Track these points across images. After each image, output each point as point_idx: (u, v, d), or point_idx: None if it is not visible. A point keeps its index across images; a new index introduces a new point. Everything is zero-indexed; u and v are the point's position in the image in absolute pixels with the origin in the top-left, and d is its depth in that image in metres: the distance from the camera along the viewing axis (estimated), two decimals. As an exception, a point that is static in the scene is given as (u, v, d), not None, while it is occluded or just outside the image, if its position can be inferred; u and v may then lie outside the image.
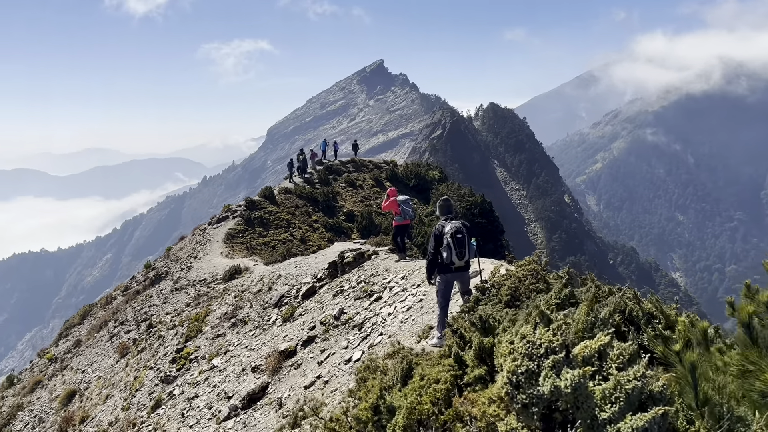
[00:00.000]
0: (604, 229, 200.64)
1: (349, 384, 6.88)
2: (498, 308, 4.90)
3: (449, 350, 3.73)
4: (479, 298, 5.55)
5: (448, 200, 6.80)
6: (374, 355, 7.00)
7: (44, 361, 22.43)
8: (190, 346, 14.50)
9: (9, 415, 18.09)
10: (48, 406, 17.55)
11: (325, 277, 12.59)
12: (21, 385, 21.17)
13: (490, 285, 5.80)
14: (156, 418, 11.11)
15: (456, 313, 5.98)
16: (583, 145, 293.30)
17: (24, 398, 19.19)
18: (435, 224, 6.62)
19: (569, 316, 2.59)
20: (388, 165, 41.31)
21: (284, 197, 32.50)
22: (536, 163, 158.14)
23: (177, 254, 28.02)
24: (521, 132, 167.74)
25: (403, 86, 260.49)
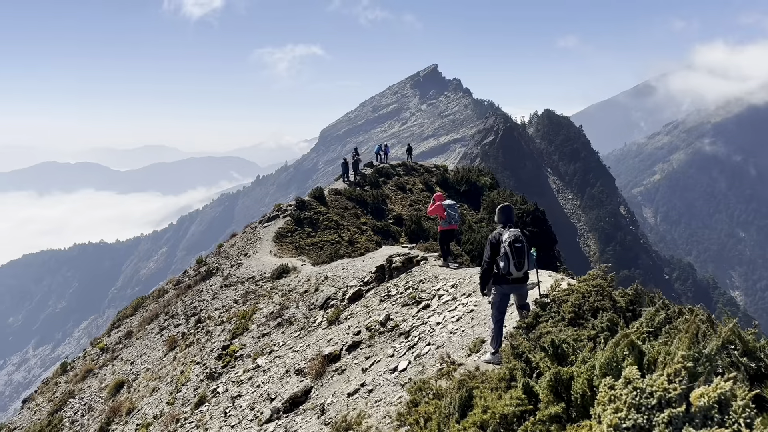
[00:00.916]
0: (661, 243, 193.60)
1: (395, 395, 6.59)
2: (560, 327, 4.52)
3: (510, 373, 3.39)
4: (539, 314, 5.17)
5: (509, 207, 6.40)
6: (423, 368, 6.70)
7: (96, 350, 23.07)
8: (236, 344, 14.54)
9: (61, 401, 18.64)
10: (97, 394, 17.96)
11: (372, 281, 12.35)
12: (74, 372, 21.82)
13: (551, 300, 5.41)
14: (199, 414, 11.11)
15: (513, 329, 5.61)
16: (641, 155, 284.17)
17: (75, 385, 19.74)
18: (491, 231, 6.24)
19: (660, 350, 2.16)
20: (439, 169, 40.87)
21: (334, 198, 32.56)
22: (591, 173, 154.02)
23: (228, 251, 28.41)
24: (577, 140, 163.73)
25: (456, 91, 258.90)
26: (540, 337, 4.15)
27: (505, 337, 5.93)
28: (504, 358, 4.24)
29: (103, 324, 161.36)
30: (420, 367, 7.12)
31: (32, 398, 22.42)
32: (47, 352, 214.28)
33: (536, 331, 4.62)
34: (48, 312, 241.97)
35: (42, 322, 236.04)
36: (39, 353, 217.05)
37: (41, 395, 21.99)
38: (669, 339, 2.21)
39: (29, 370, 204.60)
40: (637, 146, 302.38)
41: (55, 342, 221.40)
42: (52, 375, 24.45)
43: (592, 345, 2.71)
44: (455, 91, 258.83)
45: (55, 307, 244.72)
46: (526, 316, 5.69)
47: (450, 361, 5.62)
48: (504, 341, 5.82)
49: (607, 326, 4.83)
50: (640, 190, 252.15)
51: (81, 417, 17.31)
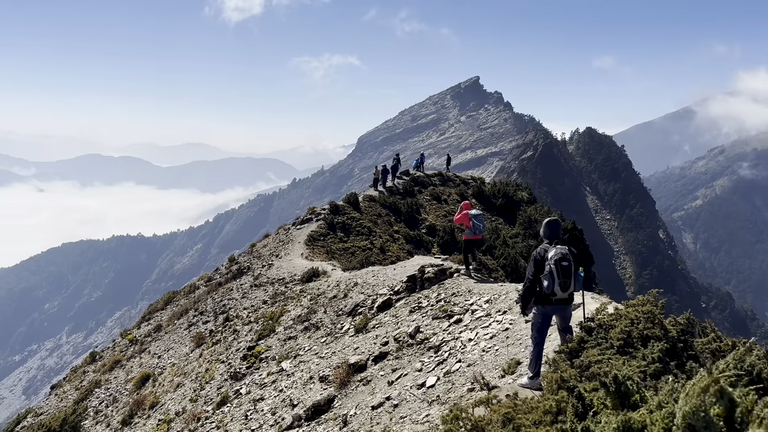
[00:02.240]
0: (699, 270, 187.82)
1: (421, 413, 6.28)
2: (609, 355, 4.16)
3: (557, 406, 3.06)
4: (584, 339, 4.80)
5: (556, 222, 6.02)
6: (453, 386, 6.36)
7: (125, 342, 23.31)
8: (262, 345, 14.40)
9: (87, 390, 18.81)
10: (123, 386, 18.07)
11: (403, 290, 12.05)
12: (102, 362, 22.06)
13: (597, 325, 5.03)
14: (220, 415, 10.96)
15: (555, 353, 5.24)
16: (683, 180, 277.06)
17: (103, 375, 19.92)
18: (534, 247, 5.88)
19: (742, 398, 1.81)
20: (476, 181, 40.36)
21: (367, 205, 32.39)
22: (631, 194, 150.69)
23: (260, 251, 28.48)
24: (618, 160, 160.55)
25: (497, 104, 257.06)
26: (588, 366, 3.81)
27: (544, 362, 5.57)
28: (547, 386, 3.89)
29: (135, 315, 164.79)
30: (449, 385, 6.79)
31: (60, 385, 22.74)
32: (80, 340, 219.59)
33: (581, 358, 4.27)
34: (83, 300, 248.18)
35: (77, 310, 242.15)
36: (72, 340, 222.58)
37: (69, 383, 22.28)
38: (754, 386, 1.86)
39: (61, 356, 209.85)
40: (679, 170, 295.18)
41: (88, 330, 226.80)
42: (81, 363, 24.80)
43: (670, 387, 2.36)
44: (496, 105, 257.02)
45: (90, 296, 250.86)
46: (569, 341, 5.32)
47: (484, 382, 5.29)
48: (543, 366, 5.46)
49: (658, 357, 4.44)
50: (680, 214, 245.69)
51: (105, 408, 17.42)
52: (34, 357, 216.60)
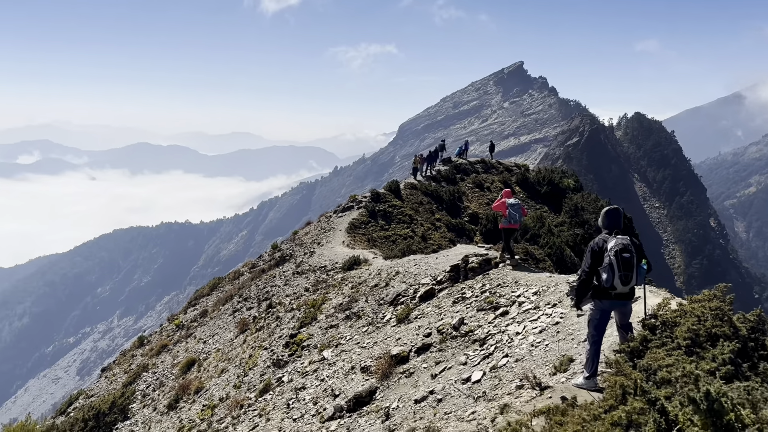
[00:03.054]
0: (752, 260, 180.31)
1: (467, 410, 6.02)
2: (677, 356, 3.81)
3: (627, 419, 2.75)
4: (647, 337, 4.44)
5: (617, 210, 5.58)
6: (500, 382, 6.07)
7: (172, 327, 23.79)
8: (304, 333, 14.39)
9: (135, 374, 19.27)
10: (169, 370, 18.42)
11: (446, 280, 11.77)
12: (150, 346, 22.59)
13: (661, 322, 4.65)
14: (263, 403, 10.97)
15: (614, 353, 4.89)
16: (736, 166, 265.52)
17: (150, 359, 20.37)
18: (594, 238, 5.49)
19: None
20: (520, 168, 39.51)
21: (409, 192, 32.10)
22: (681, 181, 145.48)
23: (302, 238, 28.60)
24: (667, 146, 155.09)
25: (541, 90, 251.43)
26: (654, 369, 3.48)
27: (601, 361, 5.22)
28: (609, 391, 3.53)
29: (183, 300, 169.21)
30: (496, 381, 6.50)
31: (110, 368, 23.43)
32: (130, 323, 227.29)
33: (646, 359, 3.93)
34: (133, 285, 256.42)
35: (127, 294, 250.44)
36: (123, 323, 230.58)
37: (118, 366, 22.92)
38: None
39: (113, 338, 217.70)
40: (732, 156, 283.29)
41: (138, 314, 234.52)
42: (130, 347, 25.49)
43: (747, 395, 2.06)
44: (540, 90, 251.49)
45: (140, 281, 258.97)
46: (631, 339, 4.96)
47: (536, 381, 4.99)
48: (600, 365, 5.11)
49: (729, 359, 4.06)
50: (732, 202, 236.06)
51: (152, 391, 17.80)
52: (87, 339, 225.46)
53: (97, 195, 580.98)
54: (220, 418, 12.13)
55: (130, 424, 15.99)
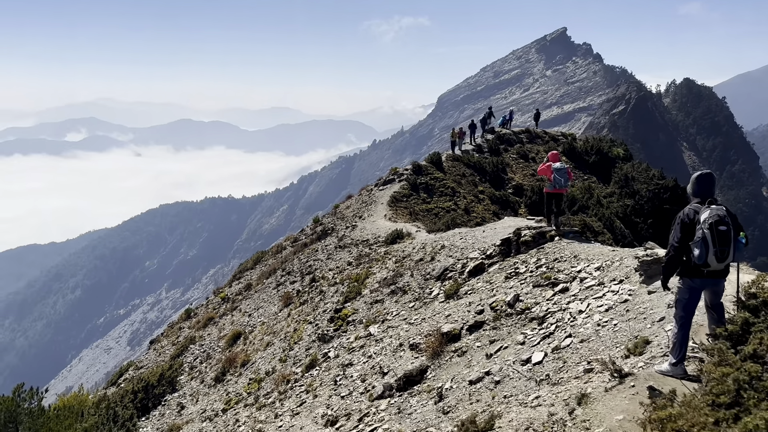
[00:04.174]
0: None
1: (529, 394, 5.60)
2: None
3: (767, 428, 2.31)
4: (749, 320, 3.91)
5: (710, 176, 4.93)
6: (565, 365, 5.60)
7: (218, 300, 24.03)
8: (349, 308, 14.17)
9: (183, 346, 19.53)
10: (216, 343, 18.58)
11: (496, 254, 11.27)
12: (196, 319, 22.88)
13: (762, 302, 4.10)
14: (309, 379, 10.81)
15: (709, 337, 4.37)
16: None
17: (197, 332, 20.62)
18: (682, 208, 4.91)
19: None
20: (566, 138, 38.22)
21: (451, 164, 31.41)
22: (733, 149, 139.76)
23: (343, 212, 28.39)
24: (718, 113, 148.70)
25: (585, 56, 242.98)
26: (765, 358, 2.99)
27: (695, 348, 4.70)
28: (716, 384, 3.04)
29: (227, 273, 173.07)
30: (560, 363, 6.05)
31: (158, 340, 23.88)
32: (177, 296, 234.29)
33: (750, 345, 3.43)
34: (180, 258, 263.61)
35: (174, 267, 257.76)
36: (170, 296, 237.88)
37: (166, 338, 23.34)
38: None
39: (161, 310, 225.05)
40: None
41: (185, 286, 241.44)
42: (177, 319, 25.93)
43: None
44: (585, 57, 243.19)
45: (186, 254, 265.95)
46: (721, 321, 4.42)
47: (615, 368, 4.52)
48: (692, 351, 4.60)
49: None
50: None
51: (200, 364, 18.00)
52: (136, 311, 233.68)
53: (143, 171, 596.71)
54: (267, 393, 12.07)
55: (178, 396, 16.20)
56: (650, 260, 6.98)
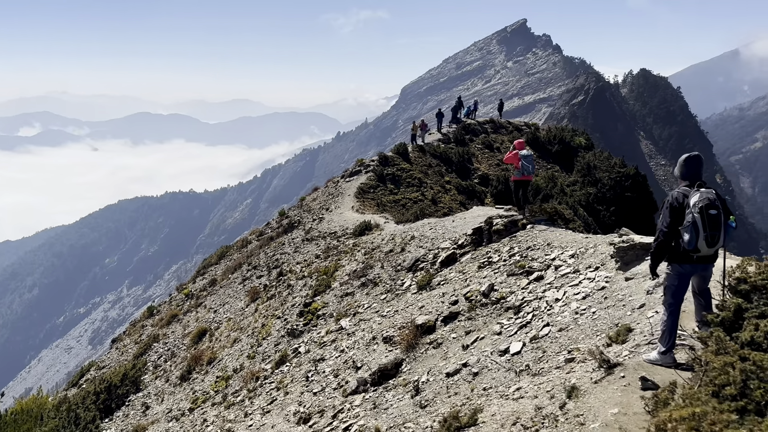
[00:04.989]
0: (757, 215, 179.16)
1: (509, 386, 5.47)
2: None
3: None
4: (742, 306, 3.83)
5: (699, 158, 4.80)
6: (544, 354, 5.47)
7: (181, 296, 23.43)
8: (318, 302, 13.91)
9: (146, 345, 18.96)
10: (180, 341, 18.09)
11: (468, 244, 11.16)
12: (159, 316, 22.26)
13: (751, 287, 4.03)
14: (279, 375, 10.53)
15: (699, 324, 4.29)
16: (742, 121, 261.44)
17: (160, 330, 20.05)
18: (672, 192, 4.79)
19: None
20: (529, 128, 38.57)
21: (417, 155, 31.35)
22: (687, 138, 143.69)
23: (310, 204, 28.04)
24: (674, 103, 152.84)
25: (545, 48, 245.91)
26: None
27: (684, 336, 4.61)
28: (718, 374, 2.90)
29: (191, 269, 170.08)
30: (539, 353, 5.94)
31: (120, 339, 23.17)
32: (139, 293, 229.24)
33: (747, 332, 3.33)
34: (141, 255, 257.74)
35: (135, 264, 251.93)
36: (132, 293, 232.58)
37: (129, 336, 22.65)
38: None
39: (123, 308, 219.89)
40: (738, 111, 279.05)
41: (146, 283, 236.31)
42: (140, 317, 25.20)
43: None
44: (544, 48, 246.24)
45: (147, 250, 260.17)
46: (708, 308, 4.34)
47: (602, 358, 4.41)
48: (680, 338, 4.51)
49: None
50: (738, 158, 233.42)
51: (164, 362, 17.50)
52: (97, 309, 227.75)
53: (100, 166, 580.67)
54: (235, 391, 11.75)
55: (143, 395, 15.72)
56: (626, 246, 6.94)
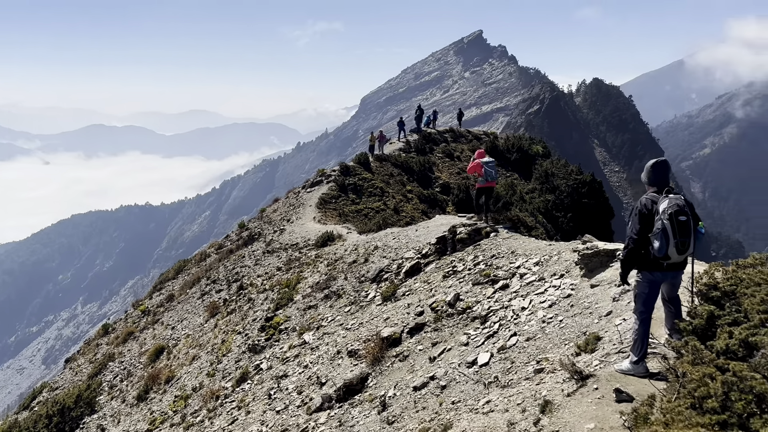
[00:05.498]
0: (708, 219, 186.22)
1: (479, 399, 5.34)
2: (761, 334, 3.15)
3: None
4: (714, 313, 3.77)
5: (666, 164, 4.71)
6: (513, 365, 5.36)
7: (138, 313, 22.67)
8: (280, 316, 13.58)
9: (101, 364, 18.21)
10: (137, 359, 17.43)
11: (432, 253, 11.06)
12: (115, 334, 21.45)
13: (722, 293, 3.99)
14: (241, 393, 10.17)
15: (669, 332, 4.23)
16: (691, 128, 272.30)
17: (116, 348, 19.31)
18: (640, 198, 4.72)
19: None
20: (488, 136, 39.05)
21: (379, 165, 31.28)
22: (640, 145, 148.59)
23: (270, 216, 27.59)
24: (625, 111, 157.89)
25: (501, 58, 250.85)
26: (737, 353, 2.81)
27: (656, 345, 4.55)
28: (697, 387, 2.82)
29: (147, 284, 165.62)
30: (507, 363, 5.83)
31: (74, 358, 22.23)
32: (95, 309, 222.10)
33: (721, 340, 3.27)
34: (95, 270, 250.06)
35: (90, 280, 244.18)
36: (87, 310, 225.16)
37: (83, 356, 21.75)
38: None
39: (78, 326, 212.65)
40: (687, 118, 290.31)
41: (102, 300, 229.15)
42: (94, 336, 24.27)
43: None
44: (500, 58, 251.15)
45: (102, 266, 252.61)
46: (678, 315, 4.29)
47: (574, 369, 4.31)
48: (651, 347, 4.44)
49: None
50: (689, 164, 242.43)
51: (120, 382, 16.84)
52: (50, 328, 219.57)
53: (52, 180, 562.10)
54: (194, 411, 11.32)
55: (98, 417, 15.05)
56: (590, 253, 6.94)
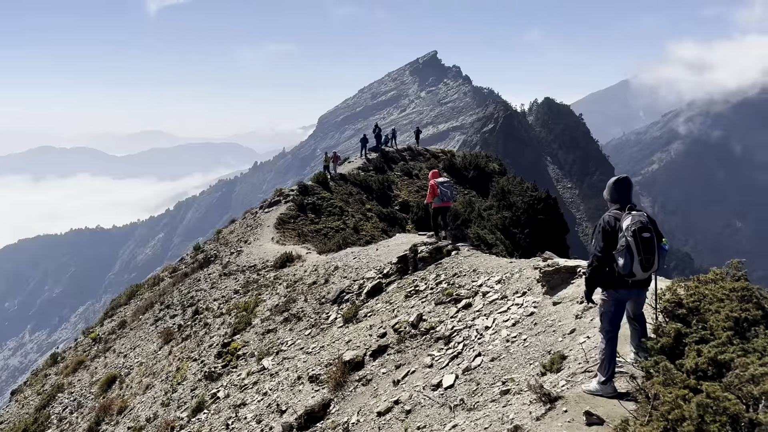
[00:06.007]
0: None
1: (445, 423, 5.20)
2: (733, 353, 3.12)
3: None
4: (681, 331, 3.74)
5: (627, 181, 4.69)
6: (479, 387, 5.26)
7: (88, 341, 21.75)
8: (238, 341, 13.18)
9: (49, 395, 17.36)
10: (88, 389, 16.66)
11: (393, 273, 10.94)
12: (64, 363, 20.48)
13: (687, 310, 3.98)
14: (197, 424, 9.75)
15: (634, 353, 4.17)
16: (639, 145, 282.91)
17: (65, 378, 18.42)
18: (603, 215, 4.70)
19: None
20: (446, 154, 39.43)
21: (337, 184, 31.14)
22: (590, 162, 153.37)
23: (227, 237, 27.04)
24: (576, 129, 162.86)
25: (455, 78, 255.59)
26: (707, 371, 2.77)
27: (623, 364, 4.49)
28: (670, 410, 2.76)
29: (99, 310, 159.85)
30: (473, 385, 5.72)
31: (21, 390, 21.12)
32: (44, 337, 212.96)
33: (690, 359, 3.24)
34: (44, 297, 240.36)
35: (38, 306, 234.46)
36: (35, 338, 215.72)
37: (30, 387, 20.68)
38: None
39: (26, 354, 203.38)
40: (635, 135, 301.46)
41: (51, 327, 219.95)
42: (42, 365, 23.14)
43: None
44: (455, 79, 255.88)
45: (51, 291, 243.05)
46: (644, 333, 4.26)
47: (542, 391, 4.22)
48: (618, 366, 4.38)
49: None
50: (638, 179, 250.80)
51: (69, 414, 16.06)
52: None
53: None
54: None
55: (45, 454, 14.26)
56: (551, 270, 6.94)
